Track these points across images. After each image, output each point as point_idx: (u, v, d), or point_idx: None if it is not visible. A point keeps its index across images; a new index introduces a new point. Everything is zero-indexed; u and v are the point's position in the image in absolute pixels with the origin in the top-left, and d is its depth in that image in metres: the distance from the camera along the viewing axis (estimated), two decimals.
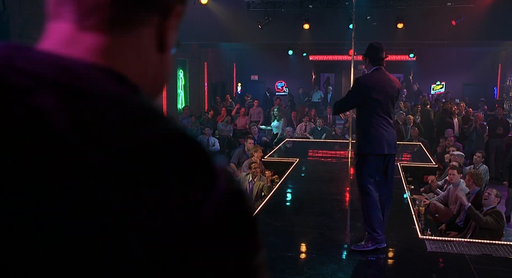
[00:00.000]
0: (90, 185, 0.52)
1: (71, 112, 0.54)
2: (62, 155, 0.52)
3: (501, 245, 5.29)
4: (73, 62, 0.60)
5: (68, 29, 0.67)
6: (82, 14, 0.65)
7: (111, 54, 0.65)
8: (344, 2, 13.23)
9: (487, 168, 9.38)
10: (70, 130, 0.53)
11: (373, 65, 4.90)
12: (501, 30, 13.66)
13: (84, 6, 0.65)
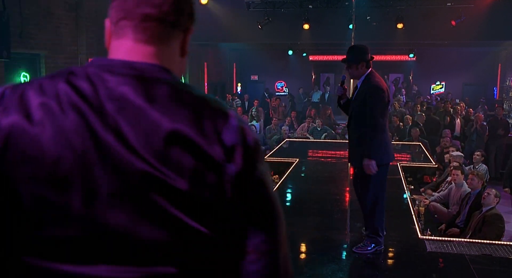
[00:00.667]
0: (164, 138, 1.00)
1: (142, 92, 1.02)
2: (139, 118, 0.99)
3: (501, 245, 5.29)
4: (137, 63, 1.07)
5: (129, 44, 1.10)
6: (138, 33, 1.10)
7: (158, 57, 1.11)
8: (344, 2, 13.23)
9: (487, 168, 9.38)
10: (143, 102, 1.00)
11: (367, 68, 4.76)
12: (501, 30, 13.67)
13: (139, 28, 1.10)
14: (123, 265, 0.98)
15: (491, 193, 6.29)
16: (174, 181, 0.99)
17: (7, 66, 8.90)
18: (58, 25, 10.37)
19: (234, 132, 1.05)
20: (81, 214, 0.96)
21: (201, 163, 1.00)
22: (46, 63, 10.04)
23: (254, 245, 1.07)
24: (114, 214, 0.97)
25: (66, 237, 0.96)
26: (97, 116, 0.98)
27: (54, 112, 0.98)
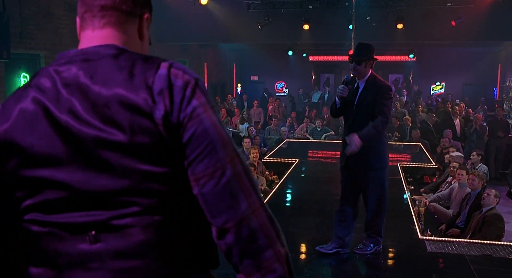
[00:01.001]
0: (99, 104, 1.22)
1: (86, 72, 1.24)
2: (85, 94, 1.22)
3: (501, 245, 5.29)
4: (87, 48, 1.29)
5: (89, 33, 1.34)
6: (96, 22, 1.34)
7: (113, 40, 1.31)
8: (344, 2, 13.23)
9: (487, 168, 9.38)
10: (87, 80, 1.23)
11: (371, 67, 4.68)
12: (501, 30, 13.66)
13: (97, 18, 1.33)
14: (101, 209, 1.24)
15: (491, 193, 6.29)
16: (117, 136, 1.20)
17: (7, 67, 8.90)
18: (58, 25, 10.36)
19: (161, 79, 1.24)
20: (57, 179, 1.24)
21: (135, 115, 1.21)
22: (46, 64, 10.03)
23: (201, 171, 1.23)
24: (79, 175, 1.23)
25: (55, 199, 1.26)
26: (54, 103, 1.25)
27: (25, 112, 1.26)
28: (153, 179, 1.23)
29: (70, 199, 1.24)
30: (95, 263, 1.24)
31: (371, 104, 4.53)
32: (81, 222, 1.25)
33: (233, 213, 1.24)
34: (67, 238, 1.26)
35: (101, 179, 1.22)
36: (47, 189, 1.26)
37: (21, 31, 9.13)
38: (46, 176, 1.25)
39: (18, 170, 1.27)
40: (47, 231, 1.28)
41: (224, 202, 1.24)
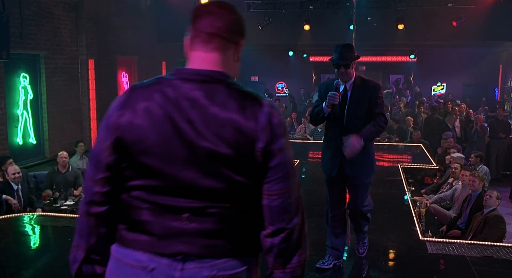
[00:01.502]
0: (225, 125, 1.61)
1: (205, 93, 1.61)
2: (203, 112, 1.60)
3: (502, 247, 5.26)
4: (203, 71, 1.66)
5: (200, 54, 1.71)
6: (205, 46, 1.70)
7: (219, 63, 1.69)
8: (344, 3, 13.21)
9: (488, 169, 9.35)
10: (206, 101, 1.60)
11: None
12: (502, 30, 13.63)
13: (206, 43, 1.70)
14: (199, 199, 1.65)
15: (493, 195, 6.27)
16: (225, 151, 1.61)
17: (7, 67, 8.89)
18: (58, 25, 10.35)
19: (265, 116, 1.65)
20: (167, 172, 1.64)
21: (243, 138, 1.62)
22: (46, 64, 10.02)
23: (275, 190, 1.70)
24: (188, 173, 1.63)
25: (162, 186, 1.65)
26: (176, 112, 1.62)
27: (151, 111, 1.63)
28: (240, 186, 1.67)
29: (175, 188, 1.65)
30: (185, 238, 1.65)
31: (364, 107, 4.26)
32: (180, 206, 1.66)
33: (287, 223, 1.72)
34: (165, 216, 1.66)
35: (205, 179, 1.64)
36: (157, 176, 1.65)
37: (21, 31, 9.12)
38: (159, 166, 1.64)
39: (137, 156, 1.65)
40: (148, 207, 1.67)
41: (284, 215, 1.72)
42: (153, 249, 1.67)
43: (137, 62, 14.08)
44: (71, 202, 7.95)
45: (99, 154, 1.70)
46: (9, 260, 4.88)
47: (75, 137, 10.94)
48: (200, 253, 1.66)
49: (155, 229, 1.67)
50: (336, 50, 4.39)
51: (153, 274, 1.66)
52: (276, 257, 1.73)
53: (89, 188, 1.73)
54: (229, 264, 1.69)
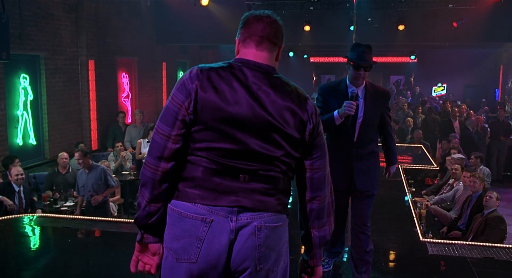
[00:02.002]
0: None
1: (267, 81, 2.06)
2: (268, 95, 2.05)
3: (503, 248, 5.25)
4: (261, 64, 2.11)
5: (254, 51, 2.13)
6: (258, 46, 2.13)
7: (269, 60, 2.14)
8: (345, 3, 13.19)
9: (489, 170, 9.34)
10: (269, 88, 2.05)
11: None
12: (503, 31, 13.62)
13: (259, 43, 2.13)
14: (256, 163, 2.02)
15: (493, 196, 6.26)
16: (285, 128, 2.04)
17: (6, 68, 8.88)
18: (57, 26, 10.34)
19: (311, 107, 2.13)
20: (238, 138, 1.99)
21: (298, 121, 2.07)
22: (46, 65, 10.01)
23: (317, 165, 2.17)
24: (253, 140, 2.00)
25: (230, 149, 1.99)
26: (247, 91, 2.02)
27: (227, 88, 2.00)
28: (290, 157, 2.10)
29: (240, 152, 2.00)
30: (243, 194, 2.01)
31: (378, 116, 3.99)
32: (241, 167, 2.01)
33: (323, 192, 2.19)
34: (227, 175, 2.01)
35: (266, 146, 2.02)
36: (227, 140, 1.99)
37: (21, 32, 9.11)
38: (231, 132, 1.98)
39: (213, 122, 1.97)
40: (214, 168, 2.00)
41: (321, 185, 2.18)
42: (213, 202, 1.99)
43: (137, 63, 14.07)
44: (71, 203, 7.95)
45: (177, 113, 2.00)
46: (9, 261, 4.87)
47: (75, 138, 10.93)
48: (253, 207, 2.01)
49: (217, 186, 1.99)
50: (357, 49, 3.88)
51: (210, 226, 1.98)
52: (313, 219, 2.19)
53: (160, 143, 2.02)
54: (274, 218, 2.06)
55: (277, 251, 2.07)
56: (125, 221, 6.43)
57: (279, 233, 2.07)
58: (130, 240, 5.55)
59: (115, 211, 8.49)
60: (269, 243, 2.03)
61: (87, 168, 7.64)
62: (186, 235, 2.00)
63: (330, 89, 4.08)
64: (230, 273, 2.02)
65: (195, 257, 1.98)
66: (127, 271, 4.51)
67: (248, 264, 2.00)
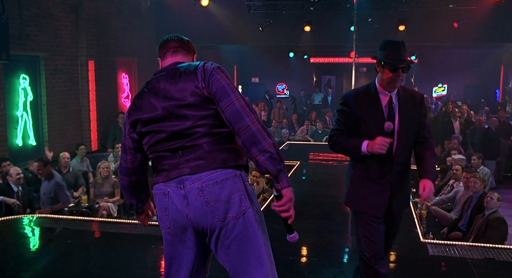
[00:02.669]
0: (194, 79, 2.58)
1: (168, 77, 2.59)
2: (171, 86, 2.58)
3: (504, 249, 5.23)
4: (168, 65, 2.76)
5: (169, 59, 2.78)
6: (172, 55, 2.81)
7: (182, 60, 2.79)
8: (345, 4, 13.19)
9: (489, 171, 9.31)
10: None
11: None
12: (503, 32, 13.62)
13: (173, 53, 2.82)
14: (179, 139, 2.48)
15: (494, 197, 6.24)
16: (184, 101, 2.47)
17: (6, 68, 8.87)
18: (57, 26, 10.33)
19: (199, 69, 2.55)
20: (159, 129, 2.51)
21: (193, 89, 2.49)
22: (46, 65, 10.00)
23: (223, 104, 2.44)
24: (168, 124, 2.48)
25: (159, 139, 2.53)
26: (151, 95, 2.57)
27: (141, 102, 2.60)
28: (204, 118, 2.47)
29: (166, 137, 2.50)
30: (183, 165, 2.47)
31: (415, 127, 3.43)
32: (173, 147, 2.50)
33: (243, 122, 2.40)
34: (169, 156, 2.52)
35: (178, 123, 2.47)
36: (155, 133, 2.53)
37: (21, 32, 9.10)
38: (153, 129, 2.53)
39: (141, 129, 2.57)
40: (159, 155, 2.56)
41: (238, 118, 2.41)
42: (166, 179, 2.51)
43: (137, 64, 14.06)
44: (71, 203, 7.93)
45: (124, 143, 2.72)
46: (8, 262, 4.86)
47: (75, 138, 10.92)
48: (191, 173, 2.44)
49: (165, 167, 2.53)
50: (392, 47, 3.32)
51: (168, 196, 2.50)
52: (250, 148, 2.39)
53: (124, 165, 2.75)
54: (213, 175, 2.43)
55: (226, 200, 2.42)
56: (125, 222, 6.42)
57: (222, 185, 2.43)
58: (130, 241, 5.55)
59: (114, 211, 8.47)
60: (214, 196, 2.42)
61: (47, 177, 7.35)
62: (158, 208, 2.57)
63: (356, 98, 3.39)
64: (202, 232, 2.50)
65: (168, 223, 2.53)
66: (127, 272, 4.50)
67: (206, 219, 2.43)
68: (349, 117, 3.37)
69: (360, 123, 3.34)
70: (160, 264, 4.86)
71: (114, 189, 8.64)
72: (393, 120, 3.32)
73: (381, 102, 3.36)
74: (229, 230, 2.42)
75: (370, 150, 3.24)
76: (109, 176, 8.69)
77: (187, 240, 2.54)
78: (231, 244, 2.44)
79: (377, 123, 3.29)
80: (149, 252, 5.11)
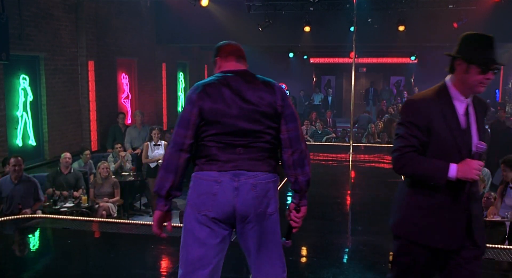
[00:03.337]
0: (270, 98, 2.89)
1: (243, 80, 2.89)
2: (248, 90, 2.89)
3: (504, 249, 5.23)
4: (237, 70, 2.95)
5: (234, 63, 2.99)
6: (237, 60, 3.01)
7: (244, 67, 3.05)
8: (345, 4, 13.19)
9: (489, 172, 9.32)
10: (246, 85, 2.87)
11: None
12: (503, 32, 13.61)
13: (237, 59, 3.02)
14: (246, 138, 2.78)
15: (491, 197, 6.25)
16: (261, 108, 2.79)
17: (6, 69, 8.87)
18: (57, 27, 10.33)
19: (277, 88, 2.92)
20: (230, 123, 2.78)
21: (269, 101, 2.82)
22: (46, 65, 10.00)
23: (291, 126, 2.86)
24: (241, 122, 2.76)
25: (226, 131, 2.77)
26: (230, 91, 2.80)
27: (217, 93, 2.80)
28: (271, 128, 2.83)
29: (233, 132, 2.75)
30: (241, 162, 2.79)
31: (485, 134, 2.83)
32: (236, 143, 2.77)
33: (300, 146, 2.88)
34: (228, 149, 2.77)
35: (251, 125, 2.77)
36: (223, 126, 2.75)
37: (21, 32, 9.10)
38: (224, 121, 2.75)
39: (212, 117, 2.75)
40: (218, 146, 2.77)
41: (297, 141, 2.87)
42: (221, 169, 2.75)
43: (137, 64, 14.06)
44: (71, 204, 7.94)
45: (189, 118, 2.78)
46: (8, 263, 4.86)
47: (75, 139, 10.93)
48: (248, 169, 2.77)
49: (222, 158, 2.76)
50: (484, 42, 2.85)
51: (221, 185, 2.75)
52: (296, 167, 2.88)
53: (180, 141, 2.79)
54: (265, 176, 2.82)
55: (269, 200, 2.84)
56: (125, 222, 6.43)
57: (269, 186, 2.85)
58: (130, 241, 5.56)
59: (114, 212, 8.47)
60: (262, 194, 2.80)
61: (17, 179, 7.20)
62: (204, 193, 2.76)
63: (426, 105, 2.69)
64: (240, 219, 2.79)
65: (212, 208, 2.75)
66: (127, 272, 4.51)
67: (250, 210, 2.77)
68: (421, 130, 2.65)
69: (431, 138, 2.66)
70: (160, 264, 4.86)
71: (114, 189, 8.65)
72: (470, 134, 2.70)
73: (457, 111, 2.68)
74: (264, 222, 2.84)
75: (462, 175, 2.55)
76: (109, 176, 8.70)
77: (220, 227, 2.80)
78: (264, 231, 2.86)
79: (453, 138, 2.65)
80: (149, 252, 5.11)
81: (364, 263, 4.75)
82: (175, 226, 5.96)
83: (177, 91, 17.01)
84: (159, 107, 15.36)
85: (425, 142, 2.65)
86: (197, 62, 18.45)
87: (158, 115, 15.30)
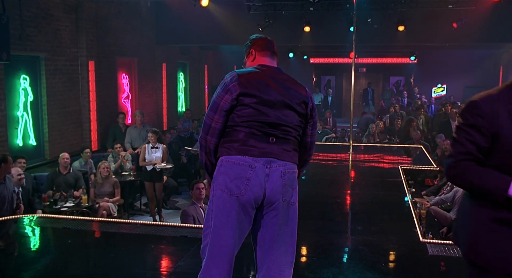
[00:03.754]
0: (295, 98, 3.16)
1: (274, 73, 3.19)
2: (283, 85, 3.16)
3: None
4: (273, 66, 3.30)
5: (269, 59, 3.35)
6: (271, 56, 3.40)
7: (276, 64, 3.37)
8: (345, 4, 13.18)
9: None
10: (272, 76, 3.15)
11: None
12: (503, 32, 13.62)
13: (272, 54, 3.40)
14: (278, 129, 3.01)
15: None
16: (295, 106, 3.06)
17: (7, 69, 8.88)
18: (58, 27, 10.35)
19: (308, 92, 3.22)
20: (266, 113, 2.97)
21: (302, 101, 3.11)
22: (46, 65, 10.01)
23: (314, 132, 3.27)
24: (276, 114, 3.00)
25: (261, 120, 2.98)
26: (271, 83, 3.05)
27: (258, 82, 3.03)
28: (299, 126, 3.11)
29: (268, 122, 2.95)
30: (274, 150, 2.97)
31: None
32: (269, 132, 2.97)
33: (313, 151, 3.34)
34: (260, 137, 2.96)
35: (284, 118, 3.00)
36: (260, 115, 2.95)
37: (21, 33, 9.11)
38: (262, 110, 2.95)
39: (252, 104, 2.95)
40: (252, 133, 2.95)
41: (313, 148, 3.31)
42: (255, 155, 2.92)
43: (137, 64, 14.07)
44: (71, 203, 7.95)
45: (219, 103, 2.99)
46: (8, 262, 4.87)
47: (75, 139, 10.94)
48: (279, 158, 2.97)
49: (256, 144, 2.94)
50: None
51: (254, 170, 2.91)
52: (301, 167, 3.24)
53: (208, 122, 3.03)
54: (292, 166, 3.05)
55: (293, 188, 3.06)
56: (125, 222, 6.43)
57: (294, 176, 3.08)
58: (130, 241, 5.56)
59: (114, 211, 8.49)
60: (290, 182, 3.02)
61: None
62: (238, 176, 2.91)
63: (494, 106, 2.34)
64: (266, 204, 2.97)
65: (245, 191, 2.91)
66: (127, 272, 4.51)
67: (278, 197, 2.97)
68: (486, 135, 2.28)
69: (497, 144, 2.28)
70: (160, 264, 4.87)
71: (114, 189, 8.66)
72: None
73: None
74: (287, 210, 3.04)
75: None
76: (109, 176, 8.71)
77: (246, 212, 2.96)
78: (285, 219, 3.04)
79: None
80: (149, 252, 5.12)
81: (363, 263, 4.76)
82: (176, 226, 5.99)
83: (177, 91, 17.01)
84: (159, 107, 15.37)
85: (486, 149, 2.29)
86: (197, 62, 18.46)
87: (158, 115, 15.31)
